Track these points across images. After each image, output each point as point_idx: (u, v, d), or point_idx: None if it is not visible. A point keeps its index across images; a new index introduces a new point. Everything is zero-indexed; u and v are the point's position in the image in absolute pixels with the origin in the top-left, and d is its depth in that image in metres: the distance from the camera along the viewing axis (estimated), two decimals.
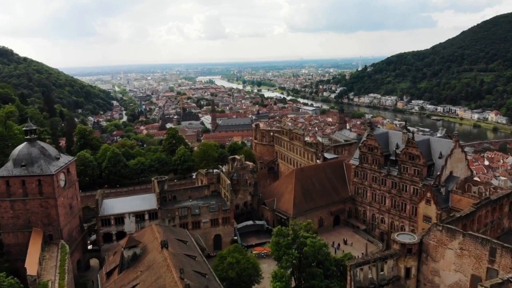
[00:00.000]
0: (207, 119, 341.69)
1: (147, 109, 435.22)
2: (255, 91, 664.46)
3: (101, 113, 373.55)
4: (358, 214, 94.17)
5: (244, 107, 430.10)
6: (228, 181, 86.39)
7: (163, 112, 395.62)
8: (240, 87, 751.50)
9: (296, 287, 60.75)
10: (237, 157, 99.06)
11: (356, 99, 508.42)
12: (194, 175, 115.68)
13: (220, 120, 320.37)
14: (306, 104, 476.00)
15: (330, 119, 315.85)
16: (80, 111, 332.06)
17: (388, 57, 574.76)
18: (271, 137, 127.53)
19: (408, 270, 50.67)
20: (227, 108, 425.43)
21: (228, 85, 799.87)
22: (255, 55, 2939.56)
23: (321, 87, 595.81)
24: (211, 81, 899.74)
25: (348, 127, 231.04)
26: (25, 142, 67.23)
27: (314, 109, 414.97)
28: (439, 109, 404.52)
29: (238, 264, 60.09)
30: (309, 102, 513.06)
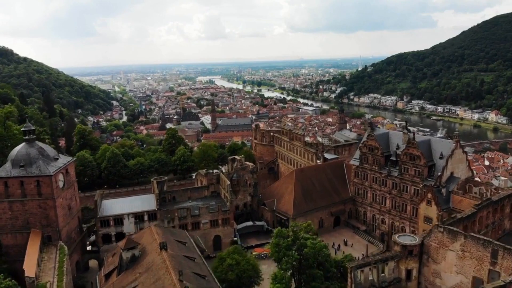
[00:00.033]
0: (207, 119, 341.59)
1: (147, 109, 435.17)
2: (255, 91, 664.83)
3: (101, 113, 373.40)
4: (359, 215, 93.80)
5: (244, 107, 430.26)
6: (228, 181, 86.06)
7: (163, 112, 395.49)
8: (240, 87, 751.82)
9: None
10: (237, 157, 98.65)
11: (356, 99, 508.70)
12: (194, 175, 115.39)
13: (220, 120, 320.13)
14: (306, 104, 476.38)
15: (330, 119, 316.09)
16: (80, 111, 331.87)
17: (388, 57, 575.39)
18: (271, 137, 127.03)
19: (409, 272, 50.44)
20: (227, 108, 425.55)
21: (228, 85, 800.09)
22: (255, 55, 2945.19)
23: (321, 87, 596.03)
24: (211, 81, 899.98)
25: (348, 127, 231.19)
26: (24, 143, 67.13)
27: (314, 109, 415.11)
28: (439, 109, 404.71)
29: (237, 265, 59.82)
30: (309, 102, 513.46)
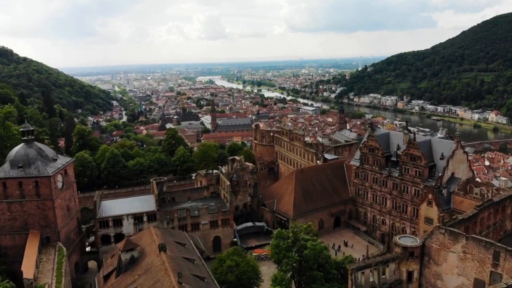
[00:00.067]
0: (207, 119, 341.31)
1: (147, 109, 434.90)
2: (255, 91, 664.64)
3: (101, 113, 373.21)
4: (359, 215, 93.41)
5: (244, 107, 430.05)
6: (228, 182, 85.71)
7: (163, 112, 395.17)
8: (240, 87, 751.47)
9: None
10: (236, 157, 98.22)
11: (356, 99, 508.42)
12: (194, 176, 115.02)
13: (220, 120, 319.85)
14: (306, 104, 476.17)
15: (330, 119, 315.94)
16: (79, 111, 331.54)
17: (388, 57, 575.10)
18: (271, 138, 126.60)
19: (410, 273, 50.04)
20: (227, 108, 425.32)
21: (228, 85, 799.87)
22: (255, 55, 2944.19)
23: (321, 87, 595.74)
24: (211, 81, 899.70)
25: (348, 127, 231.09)
26: (22, 143, 66.82)
27: (314, 109, 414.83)
28: (439, 109, 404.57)
29: (237, 267, 59.41)
30: (309, 102, 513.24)
